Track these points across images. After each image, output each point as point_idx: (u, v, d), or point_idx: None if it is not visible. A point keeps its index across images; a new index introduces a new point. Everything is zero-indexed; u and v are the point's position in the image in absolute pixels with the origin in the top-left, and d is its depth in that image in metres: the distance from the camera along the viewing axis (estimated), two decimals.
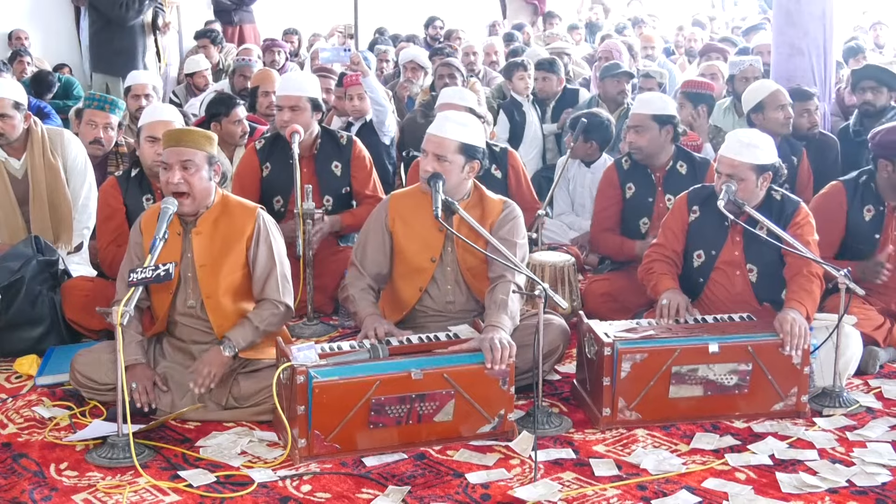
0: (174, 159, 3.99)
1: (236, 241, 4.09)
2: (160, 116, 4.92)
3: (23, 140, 5.17)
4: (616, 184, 5.36)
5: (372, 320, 4.05)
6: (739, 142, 4.42)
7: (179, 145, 4.01)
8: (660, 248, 4.60)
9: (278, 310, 4.10)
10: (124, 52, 8.66)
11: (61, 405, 4.17)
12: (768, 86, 6.15)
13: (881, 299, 4.77)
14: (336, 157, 5.48)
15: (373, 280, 4.25)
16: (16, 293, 4.68)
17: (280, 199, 5.42)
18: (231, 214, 4.13)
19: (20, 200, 5.17)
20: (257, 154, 5.47)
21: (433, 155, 4.12)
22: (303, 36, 12.49)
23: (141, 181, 4.85)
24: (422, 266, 4.22)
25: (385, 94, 6.99)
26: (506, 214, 4.23)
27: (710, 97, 6.74)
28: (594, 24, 14.49)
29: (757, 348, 4.00)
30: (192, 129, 4.33)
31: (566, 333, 4.25)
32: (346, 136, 5.60)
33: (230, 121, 6.02)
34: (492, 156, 5.48)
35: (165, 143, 4.08)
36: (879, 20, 12.87)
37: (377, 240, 4.26)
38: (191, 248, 4.09)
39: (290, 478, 3.56)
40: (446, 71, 7.63)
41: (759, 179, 4.38)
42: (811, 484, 3.51)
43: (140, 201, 4.80)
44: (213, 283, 4.07)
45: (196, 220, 4.09)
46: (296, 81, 5.47)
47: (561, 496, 3.43)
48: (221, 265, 4.08)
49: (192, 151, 4.01)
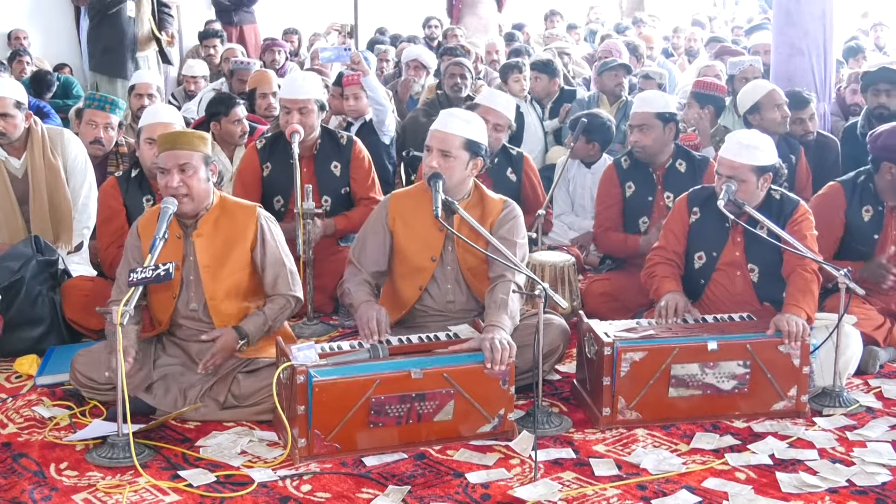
0: (171, 163, 3.98)
1: (238, 242, 4.10)
2: (160, 118, 4.93)
3: (23, 139, 5.17)
4: (616, 182, 5.37)
5: (367, 307, 4.04)
6: (739, 143, 4.41)
7: (175, 148, 4.01)
8: (661, 251, 4.60)
9: (290, 304, 4.15)
10: (111, 49, 8.54)
11: (61, 405, 4.17)
12: (763, 86, 6.14)
13: (881, 299, 4.77)
14: (336, 158, 5.48)
15: (370, 277, 4.25)
16: (16, 293, 4.69)
17: (280, 198, 5.43)
18: (231, 215, 4.13)
19: (20, 200, 5.17)
20: (258, 153, 5.48)
21: (438, 151, 4.12)
22: (303, 36, 12.49)
23: (141, 182, 4.86)
24: (422, 265, 4.22)
25: (385, 94, 6.99)
26: (506, 214, 4.23)
27: (719, 99, 6.68)
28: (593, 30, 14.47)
29: (756, 347, 4.00)
30: (186, 130, 4.33)
31: (566, 333, 4.25)
32: (346, 136, 5.60)
33: (230, 120, 6.02)
34: (508, 159, 5.52)
35: (161, 146, 4.07)
36: (880, 21, 12.87)
37: (377, 238, 4.26)
38: (192, 251, 4.09)
39: (290, 477, 3.56)
40: (458, 71, 7.62)
41: (760, 180, 4.37)
42: (811, 484, 3.51)
43: (140, 202, 4.81)
44: (216, 285, 4.08)
45: (196, 223, 4.09)
46: (303, 83, 5.46)
47: (561, 496, 3.43)
48: (224, 266, 4.09)
49: (188, 153, 4.00)
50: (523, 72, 7.83)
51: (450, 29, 11.67)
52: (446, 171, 4.10)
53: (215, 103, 6.12)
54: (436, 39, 12.06)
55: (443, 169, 4.10)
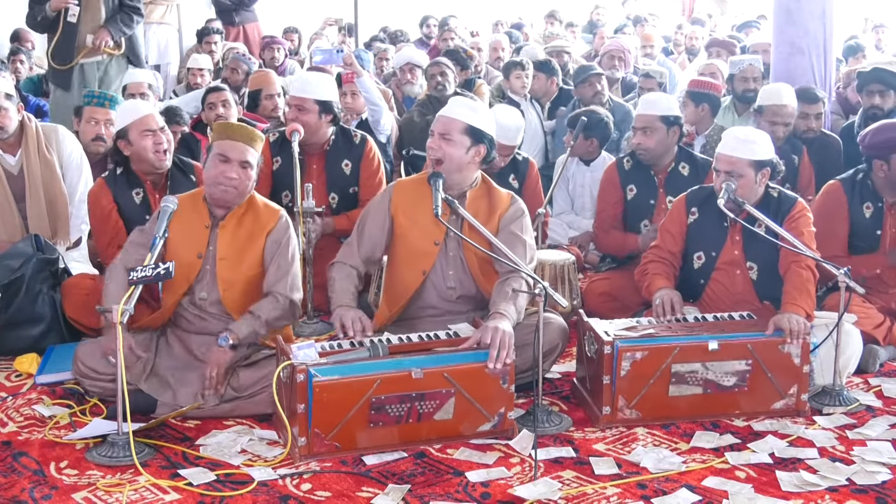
0: (235, 155, 4.04)
1: (258, 238, 4.16)
2: (146, 111, 4.99)
3: (17, 136, 5.18)
4: (617, 184, 5.37)
5: (343, 310, 4.02)
6: (736, 138, 4.43)
7: (242, 141, 4.08)
8: (656, 250, 4.61)
9: (278, 302, 4.12)
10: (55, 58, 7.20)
11: (61, 403, 4.17)
12: (779, 97, 6.05)
13: (881, 298, 4.78)
14: (347, 156, 5.49)
15: (362, 262, 4.24)
16: (16, 291, 4.69)
17: (288, 193, 5.43)
18: (256, 212, 4.20)
19: (16, 197, 5.17)
20: (270, 147, 5.49)
21: (439, 135, 4.13)
22: (303, 34, 12.48)
23: (128, 177, 4.85)
24: (426, 249, 4.21)
25: (380, 94, 6.98)
26: (515, 209, 4.24)
27: (714, 97, 6.71)
28: (594, 23, 14.45)
29: (756, 346, 4.00)
30: (251, 127, 4.35)
31: (565, 332, 4.24)
32: (360, 134, 5.60)
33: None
34: (514, 164, 5.49)
35: (227, 135, 4.09)
36: (882, 23, 12.86)
37: (378, 220, 4.25)
38: (215, 242, 4.14)
39: (290, 476, 3.56)
40: (436, 70, 7.58)
41: (758, 175, 4.38)
42: (811, 482, 3.51)
43: (130, 197, 4.80)
44: (232, 278, 4.13)
45: (226, 215, 4.15)
46: (304, 83, 5.50)
47: (561, 495, 3.43)
48: (242, 260, 4.14)
49: (252, 151, 4.09)
50: (525, 69, 7.82)
51: (445, 28, 11.64)
52: (445, 155, 4.10)
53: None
54: (433, 38, 12.04)
55: (443, 153, 4.10)
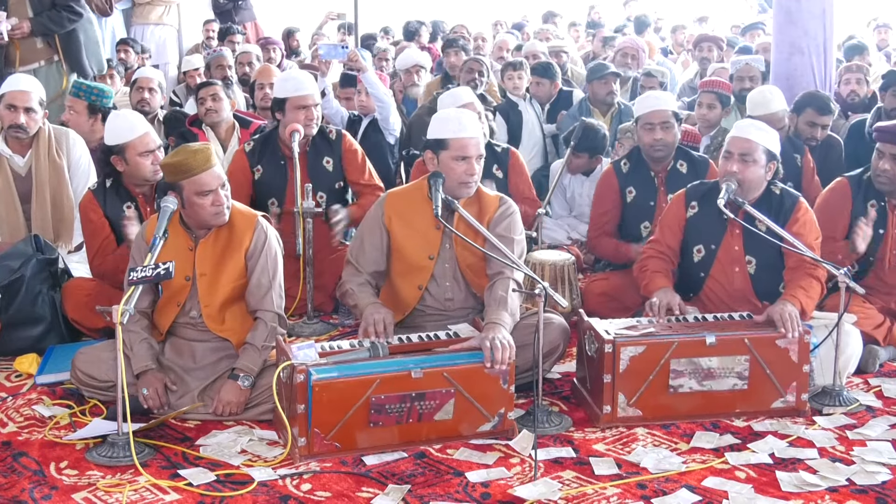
0: (214, 181, 3.98)
1: (235, 251, 4.08)
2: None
3: (30, 138, 5.19)
4: (615, 188, 5.35)
5: (374, 308, 4.04)
6: (753, 125, 4.54)
7: (209, 166, 3.99)
8: (655, 245, 4.61)
9: (267, 326, 4.05)
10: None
11: (61, 404, 4.17)
12: (767, 106, 6.05)
13: (881, 298, 4.78)
14: (327, 153, 5.45)
15: (370, 277, 4.25)
16: (16, 292, 4.68)
17: (274, 200, 5.37)
18: (232, 224, 4.10)
19: (22, 198, 5.18)
20: (247, 156, 5.42)
21: (474, 158, 4.16)
22: (303, 34, 12.47)
23: (118, 190, 4.75)
24: (420, 264, 4.22)
25: (387, 91, 6.93)
26: (503, 211, 4.23)
27: (724, 97, 6.74)
28: (596, 23, 14.45)
29: (754, 341, 4.00)
30: (203, 147, 4.14)
31: (566, 332, 4.24)
32: (335, 130, 5.55)
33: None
34: (494, 156, 5.49)
35: (192, 167, 3.95)
36: (885, 23, 12.85)
37: (374, 237, 4.26)
38: (196, 260, 4.08)
39: (290, 476, 3.56)
40: (476, 67, 7.67)
41: (767, 165, 4.41)
42: (811, 482, 3.51)
43: (121, 210, 4.70)
44: (212, 293, 4.06)
45: (207, 234, 4.09)
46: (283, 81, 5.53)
47: (561, 495, 3.43)
48: (220, 275, 4.07)
49: (220, 169, 4.05)
50: (518, 70, 7.79)
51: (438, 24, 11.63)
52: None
53: None
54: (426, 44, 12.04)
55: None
